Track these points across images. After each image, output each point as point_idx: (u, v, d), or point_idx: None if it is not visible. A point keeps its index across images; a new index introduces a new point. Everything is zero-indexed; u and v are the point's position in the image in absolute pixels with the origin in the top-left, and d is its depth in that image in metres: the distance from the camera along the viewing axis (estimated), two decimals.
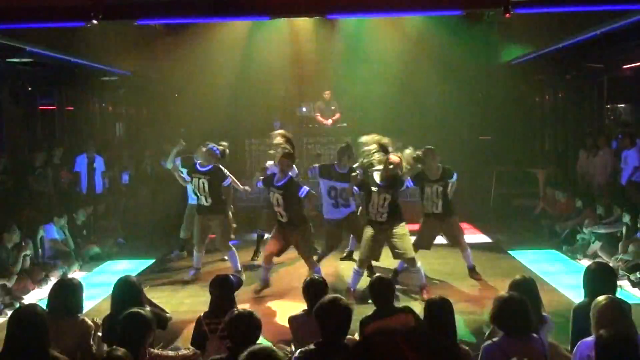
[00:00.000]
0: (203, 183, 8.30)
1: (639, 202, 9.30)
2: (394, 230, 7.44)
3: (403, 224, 7.50)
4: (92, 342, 4.38)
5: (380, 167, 7.36)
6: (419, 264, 7.56)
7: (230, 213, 8.75)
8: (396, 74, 16.18)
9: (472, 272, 8.22)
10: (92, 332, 4.43)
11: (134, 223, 12.45)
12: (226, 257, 8.95)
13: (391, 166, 7.22)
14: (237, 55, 16.13)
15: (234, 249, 8.53)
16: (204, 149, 8.40)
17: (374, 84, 16.14)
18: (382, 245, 7.57)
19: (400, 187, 7.45)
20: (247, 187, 8.95)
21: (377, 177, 7.38)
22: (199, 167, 8.38)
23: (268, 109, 15.93)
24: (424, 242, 8.07)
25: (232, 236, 8.94)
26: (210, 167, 8.33)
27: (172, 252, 10.01)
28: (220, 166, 8.43)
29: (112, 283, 4.82)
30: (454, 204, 8.17)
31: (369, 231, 7.47)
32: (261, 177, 8.11)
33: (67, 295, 4.46)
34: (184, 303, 7.68)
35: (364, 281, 8.15)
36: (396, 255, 7.58)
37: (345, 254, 9.28)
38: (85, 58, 10.43)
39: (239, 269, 8.28)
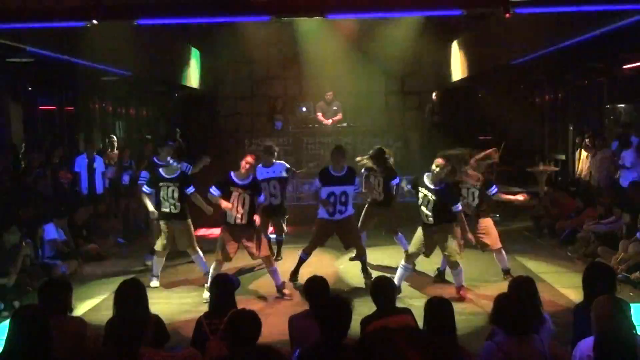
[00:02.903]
0: (172, 191, 8.26)
1: (638, 202, 9.29)
2: (442, 232, 7.53)
3: (451, 225, 7.55)
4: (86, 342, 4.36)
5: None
6: (460, 265, 7.63)
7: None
8: (396, 74, 16.21)
9: (506, 274, 8.16)
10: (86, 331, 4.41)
11: (134, 223, 12.45)
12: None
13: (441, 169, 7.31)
14: (237, 55, 16.17)
15: (201, 252, 8.48)
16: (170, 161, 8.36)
17: (375, 84, 16.16)
18: (432, 244, 7.68)
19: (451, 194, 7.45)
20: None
21: (427, 180, 7.44)
22: (165, 175, 8.30)
23: (268, 109, 15.96)
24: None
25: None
26: (178, 173, 8.35)
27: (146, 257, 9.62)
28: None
29: (112, 283, 4.82)
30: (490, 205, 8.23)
31: (420, 231, 7.66)
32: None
33: (55, 293, 4.43)
34: (184, 303, 7.69)
35: (359, 278, 8.20)
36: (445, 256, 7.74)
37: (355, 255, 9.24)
38: (85, 58, 10.41)
39: (208, 270, 8.11)
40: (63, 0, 7.10)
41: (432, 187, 7.37)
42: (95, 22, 6.77)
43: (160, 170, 8.35)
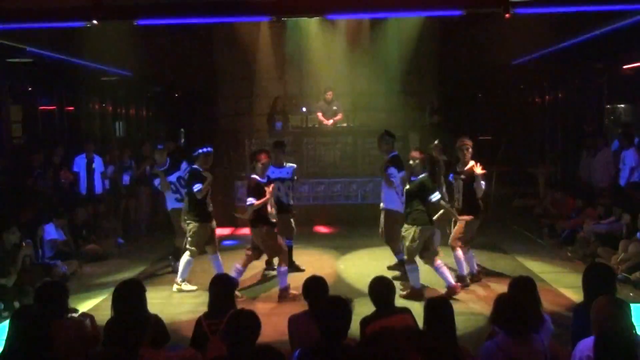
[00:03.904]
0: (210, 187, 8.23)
1: (638, 202, 9.29)
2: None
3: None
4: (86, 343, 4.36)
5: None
6: (415, 264, 7.56)
7: None
8: (396, 73, 16.20)
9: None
10: (87, 332, 4.41)
11: (134, 223, 12.46)
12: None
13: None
14: (237, 55, 16.17)
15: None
16: (203, 153, 8.20)
17: (375, 84, 16.16)
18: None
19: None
20: None
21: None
22: (203, 173, 8.16)
23: (268, 109, 15.94)
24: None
25: None
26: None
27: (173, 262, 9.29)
28: None
29: (112, 283, 4.82)
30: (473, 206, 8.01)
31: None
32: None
33: (52, 296, 4.43)
34: (184, 303, 7.68)
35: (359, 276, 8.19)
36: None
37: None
38: (85, 58, 10.43)
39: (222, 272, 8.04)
40: (63, 0, 7.10)
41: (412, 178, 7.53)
42: (95, 22, 6.78)
43: (199, 167, 8.12)
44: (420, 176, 7.41)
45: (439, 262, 7.60)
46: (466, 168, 7.92)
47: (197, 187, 7.91)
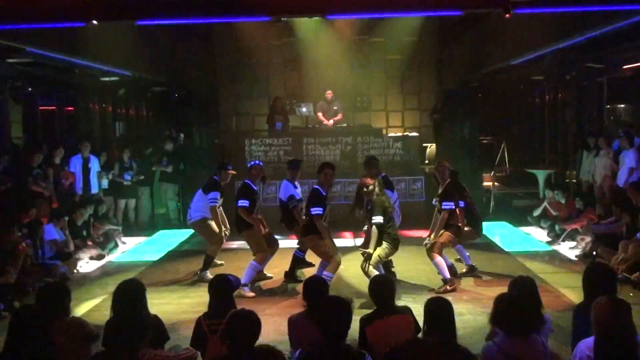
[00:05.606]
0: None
1: (638, 202, 9.28)
2: None
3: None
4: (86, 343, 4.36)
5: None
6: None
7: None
8: (396, 73, 16.23)
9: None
10: (85, 332, 4.42)
11: (134, 223, 12.46)
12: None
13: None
14: (237, 55, 16.19)
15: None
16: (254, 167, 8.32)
17: (374, 84, 16.18)
18: None
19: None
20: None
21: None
22: (256, 188, 8.32)
23: (268, 109, 15.92)
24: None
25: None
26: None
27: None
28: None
29: (112, 283, 4.82)
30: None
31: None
32: None
33: (54, 298, 4.42)
34: (184, 303, 7.68)
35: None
36: None
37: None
38: (85, 58, 10.42)
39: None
40: (63, 0, 7.10)
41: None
42: (95, 22, 6.77)
43: (252, 183, 8.24)
44: (373, 199, 7.60)
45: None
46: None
47: (242, 202, 8.03)
